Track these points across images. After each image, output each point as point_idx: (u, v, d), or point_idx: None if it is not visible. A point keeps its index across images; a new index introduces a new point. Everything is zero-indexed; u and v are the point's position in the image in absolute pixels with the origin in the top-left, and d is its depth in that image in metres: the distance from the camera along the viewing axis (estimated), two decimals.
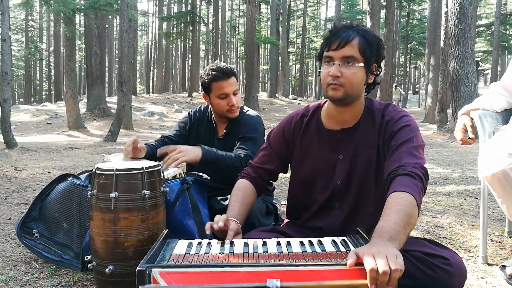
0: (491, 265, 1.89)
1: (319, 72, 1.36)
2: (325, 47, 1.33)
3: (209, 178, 1.94)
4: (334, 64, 1.30)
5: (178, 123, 2.29)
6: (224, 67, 2.05)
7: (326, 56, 1.32)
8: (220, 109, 2.09)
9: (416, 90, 38.92)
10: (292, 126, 1.50)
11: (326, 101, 1.45)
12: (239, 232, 1.29)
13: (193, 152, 1.91)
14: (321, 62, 1.36)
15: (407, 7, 27.82)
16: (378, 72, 1.37)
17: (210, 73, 2.05)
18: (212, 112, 2.19)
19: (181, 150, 1.89)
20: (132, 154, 1.92)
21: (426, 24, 20.10)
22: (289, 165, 1.58)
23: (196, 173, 1.93)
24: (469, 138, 1.87)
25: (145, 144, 2.08)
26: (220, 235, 1.26)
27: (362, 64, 1.30)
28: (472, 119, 1.90)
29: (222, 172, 2.00)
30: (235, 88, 2.07)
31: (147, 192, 1.47)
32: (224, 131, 2.15)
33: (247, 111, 2.19)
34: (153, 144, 2.12)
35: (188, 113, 2.32)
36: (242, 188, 1.49)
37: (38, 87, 37.43)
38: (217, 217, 1.29)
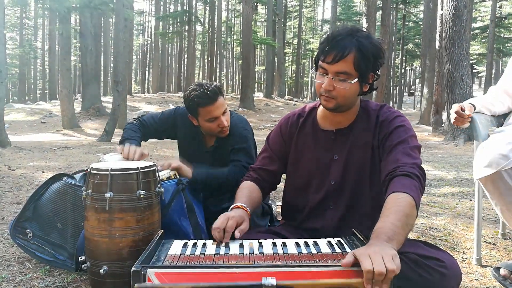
0: (485, 266, 1.90)
1: (313, 75, 1.36)
2: (321, 55, 1.31)
3: None
4: (327, 76, 1.29)
5: (160, 115, 2.14)
6: (208, 90, 1.89)
7: (320, 66, 1.31)
8: (210, 131, 1.99)
9: (412, 91, 39.10)
10: (289, 125, 1.51)
11: None
12: (241, 221, 1.27)
13: (185, 166, 1.88)
14: (317, 66, 1.35)
15: (403, 9, 27.94)
16: (375, 79, 1.36)
17: (196, 99, 1.89)
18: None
19: (175, 159, 1.89)
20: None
21: (421, 26, 20.21)
22: None
23: None
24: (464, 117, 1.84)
25: (131, 138, 1.99)
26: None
27: (356, 80, 1.29)
28: (473, 106, 1.89)
29: (215, 189, 1.94)
30: (223, 108, 1.94)
31: (142, 192, 1.46)
32: (214, 144, 2.07)
33: (232, 117, 2.08)
34: (137, 136, 2.02)
35: (175, 109, 2.16)
36: (248, 186, 1.49)
37: (32, 86, 37.18)
38: (222, 222, 1.24)
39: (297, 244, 1.16)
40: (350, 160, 1.40)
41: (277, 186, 1.63)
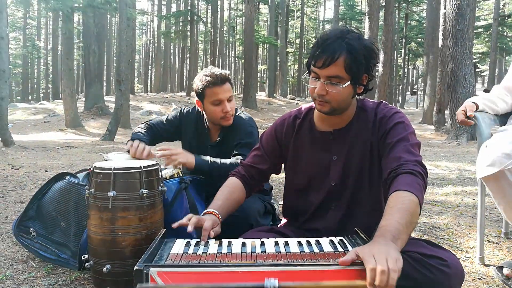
0: (488, 266, 1.89)
1: (305, 79, 1.36)
2: (312, 60, 1.29)
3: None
4: (319, 81, 1.28)
5: (166, 117, 2.22)
6: (218, 73, 1.98)
7: (312, 70, 1.30)
8: (214, 116, 2.02)
9: (414, 90, 39.01)
10: (285, 128, 1.50)
11: None
12: (216, 225, 1.29)
13: (189, 158, 1.89)
14: (309, 70, 1.33)
15: (406, 8, 27.85)
16: (369, 80, 1.34)
17: (204, 78, 1.98)
18: (205, 117, 2.12)
19: (180, 152, 1.89)
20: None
21: (424, 25, 20.15)
22: (282, 166, 1.58)
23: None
24: (468, 118, 1.85)
25: (138, 138, 2.02)
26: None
27: (348, 83, 1.27)
28: (476, 105, 1.89)
29: (219, 179, 1.96)
30: (229, 95, 2.00)
31: (145, 191, 1.47)
32: (218, 138, 2.09)
33: (239, 113, 2.12)
34: (146, 138, 2.07)
35: (180, 110, 2.23)
36: (230, 185, 1.50)
37: (35, 86, 37.29)
38: (189, 218, 1.28)
39: (300, 243, 1.16)
40: (349, 161, 1.40)
41: (276, 183, 1.62)
